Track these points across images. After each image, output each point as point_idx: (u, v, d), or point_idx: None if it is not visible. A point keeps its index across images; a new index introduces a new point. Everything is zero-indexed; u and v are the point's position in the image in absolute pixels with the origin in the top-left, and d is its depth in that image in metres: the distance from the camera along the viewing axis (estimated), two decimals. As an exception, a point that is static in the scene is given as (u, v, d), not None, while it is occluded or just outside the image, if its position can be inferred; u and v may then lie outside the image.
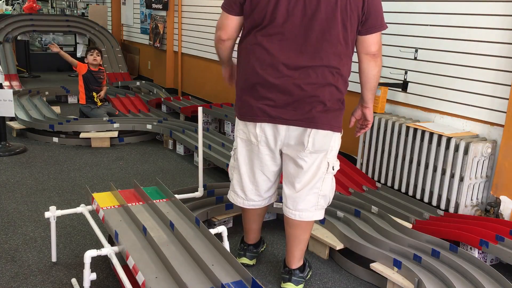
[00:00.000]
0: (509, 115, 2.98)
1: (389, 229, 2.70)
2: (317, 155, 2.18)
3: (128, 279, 1.92)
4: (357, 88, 2.36)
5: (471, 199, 3.15)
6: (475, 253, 2.63)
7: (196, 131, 4.54)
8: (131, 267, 1.94)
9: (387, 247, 2.52)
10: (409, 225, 2.86)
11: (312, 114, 2.10)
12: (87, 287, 2.05)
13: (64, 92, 6.59)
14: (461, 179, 3.10)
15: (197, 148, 4.11)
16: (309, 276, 2.52)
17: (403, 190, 3.48)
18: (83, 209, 2.49)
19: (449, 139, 3.15)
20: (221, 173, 4.07)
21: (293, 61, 2.06)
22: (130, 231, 2.19)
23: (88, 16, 9.40)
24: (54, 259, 2.57)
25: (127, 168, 4.13)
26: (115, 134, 4.77)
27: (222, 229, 2.26)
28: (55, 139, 4.73)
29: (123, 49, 8.60)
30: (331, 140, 2.18)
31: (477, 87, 3.22)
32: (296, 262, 2.39)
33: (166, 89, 7.12)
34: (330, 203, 2.36)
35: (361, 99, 2.33)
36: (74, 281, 2.38)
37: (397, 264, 2.37)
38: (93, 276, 2.03)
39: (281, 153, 2.27)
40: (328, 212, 2.88)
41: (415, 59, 3.63)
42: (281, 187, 2.35)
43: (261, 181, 2.34)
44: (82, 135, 4.69)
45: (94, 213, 2.48)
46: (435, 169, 3.26)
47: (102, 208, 2.39)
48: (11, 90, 4.14)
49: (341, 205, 3.00)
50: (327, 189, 2.27)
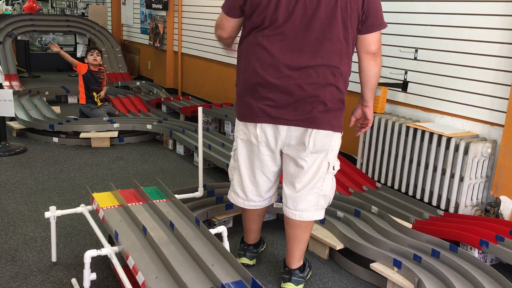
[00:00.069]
0: (509, 115, 2.98)
1: (389, 229, 2.70)
2: (317, 155, 2.18)
3: (128, 279, 1.92)
4: (357, 88, 2.36)
5: (471, 199, 3.15)
6: (475, 253, 2.63)
7: (196, 131, 4.54)
8: (131, 267, 1.94)
9: (387, 247, 2.52)
10: (409, 225, 2.86)
11: (313, 114, 2.10)
12: (87, 287, 2.05)
13: (64, 92, 6.59)
14: (461, 179, 3.10)
15: (197, 148, 4.11)
16: (309, 276, 2.52)
17: (403, 190, 3.48)
18: (83, 209, 2.49)
19: (449, 139, 3.15)
20: (221, 173, 4.07)
21: (294, 61, 2.06)
22: (130, 231, 2.19)
23: (88, 16, 9.40)
24: (54, 259, 2.57)
25: (127, 168, 4.13)
26: (115, 134, 4.77)
27: (222, 229, 2.26)
28: (55, 139, 4.73)
29: (123, 49, 8.60)
30: (331, 140, 2.18)
31: (477, 87, 3.22)
32: (296, 262, 2.39)
33: (166, 89, 7.11)
34: (330, 203, 2.36)
35: (361, 98, 2.33)
36: (74, 281, 2.38)
37: (397, 264, 2.37)
38: (93, 276, 2.03)
39: (281, 153, 2.27)
40: (328, 212, 2.87)
41: (415, 59, 3.63)
42: (281, 187, 2.35)
43: (262, 181, 2.34)
44: (82, 135, 4.69)
45: (94, 213, 2.48)
46: (435, 169, 3.26)
47: (102, 208, 2.39)
48: (11, 90, 4.15)
49: (341, 205, 3.00)
50: (328, 189, 2.27)
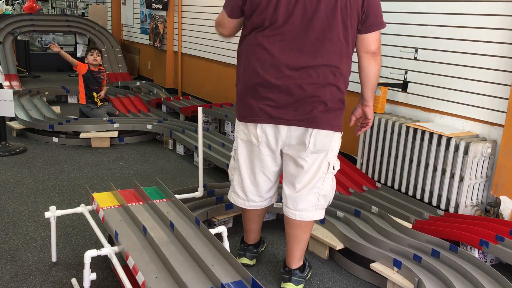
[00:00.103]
0: (509, 115, 2.98)
1: (389, 229, 2.70)
2: (318, 155, 2.18)
3: (128, 279, 1.92)
4: (357, 88, 2.36)
5: (471, 199, 3.15)
6: (475, 253, 2.63)
7: (196, 131, 4.54)
8: (131, 267, 1.94)
9: (387, 247, 2.52)
10: (409, 225, 2.86)
11: (313, 114, 2.10)
12: (87, 287, 2.05)
13: (64, 92, 6.59)
14: (461, 179, 3.10)
15: (197, 148, 4.11)
16: (309, 276, 2.52)
17: (403, 190, 3.48)
18: (83, 209, 2.49)
19: (449, 139, 3.15)
20: (221, 173, 4.07)
21: (294, 61, 2.06)
22: (130, 231, 2.19)
23: (88, 16, 9.40)
24: (54, 259, 2.57)
25: (127, 168, 4.13)
26: (115, 134, 4.77)
27: (222, 229, 2.26)
28: (55, 139, 4.73)
29: (123, 49, 8.60)
30: (332, 140, 2.18)
31: (477, 87, 3.22)
32: (296, 262, 2.38)
33: (166, 89, 7.11)
34: (330, 203, 2.36)
35: (361, 97, 2.33)
36: (74, 281, 2.38)
37: (397, 264, 2.37)
38: (93, 276, 2.03)
39: (281, 153, 2.27)
40: (328, 212, 2.87)
41: (415, 59, 3.63)
42: (281, 187, 2.35)
43: (262, 181, 2.34)
44: (82, 135, 4.69)
45: (94, 213, 2.48)
46: (435, 169, 3.26)
47: (102, 208, 2.39)
48: (11, 90, 4.15)
49: (341, 205, 3.00)
50: (328, 189, 2.27)
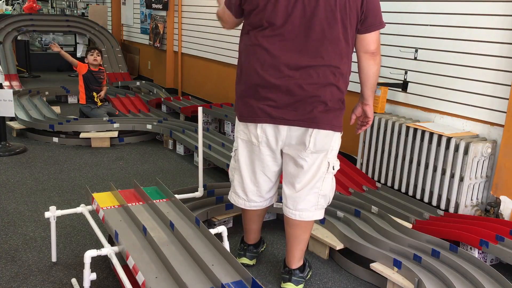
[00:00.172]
0: (509, 115, 2.98)
1: (389, 229, 2.70)
2: (317, 155, 2.18)
3: (128, 279, 1.92)
4: (357, 88, 2.36)
5: (471, 199, 3.15)
6: (475, 253, 2.63)
7: (196, 131, 4.54)
8: (131, 267, 1.94)
9: (387, 247, 2.52)
10: (409, 225, 2.86)
11: (313, 114, 2.10)
12: (87, 287, 2.05)
13: (64, 92, 6.59)
14: (461, 179, 3.10)
15: (197, 148, 4.11)
16: (309, 276, 2.52)
17: (403, 190, 3.48)
18: (83, 209, 2.49)
19: (449, 139, 3.15)
20: (221, 173, 4.07)
21: (294, 61, 2.06)
22: (130, 231, 2.19)
23: (88, 16, 9.40)
24: (54, 259, 2.57)
25: (127, 168, 4.13)
26: (115, 134, 4.77)
27: (222, 229, 2.26)
28: (55, 139, 4.73)
29: (123, 49, 8.60)
30: (332, 140, 2.18)
31: (477, 87, 3.22)
32: (296, 262, 2.38)
33: (166, 89, 7.11)
34: (330, 203, 2.36)
35: (361, 96, 2.34)
36: (74, 281, 2.38)
37: (397, 264, 2.37)
38: (93, 276, 2.03)
39: (281, 153, 2.27)
40: (328, 212, 2.88)
41: (415, 59, 3.63)
42: (281, 187, 2.35)
43: (262, 181, 2.34)
44: (82, 135, 4.69)
45: (94, 213, 2.48)
46: (435, 169, 3.26)
47: (102, 208, 2.39)
48: (11, 90, 4.15)
49: (341, 205, 3.00)
50: (327, 189, 2.27)
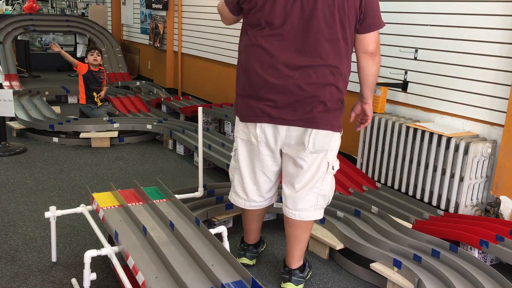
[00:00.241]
0: (509, 115, 2.98)
1: (389, 229, 2.70)
2: (317, 155, 2.18)
3: (128, 279, 1.92)
4: (357, 88, 2.36)
5: (471, 199, 3.15)
6: (475, 253, 2.63)
7: (196, 131, 4.54)
8: (131, 267, 1.94)
9: (387, 247, 2.52)
10: (409, 225, 2.86)
11: (312, 114, 2.10)
12: (87, 287, 2.05)
13: (64, 92, 6.59)
14: (461, 179, 3.10)
15: (197, 148, 4.11)
16: (309, 276, 2.52)
17: (403, 190, 3.48)
18: (83, 209, 2.49)
19: (449, 139, 3.15)
20: (221, 173, 4.07)
21: (293, 61, 2.06)
22: (130, 231, 2.19)
23: (88, 16, 9.40)
24: (54, 259, 2.57)
25: (127, 168, 4.13)
26: (115, 134, 4.77)
27: (222, 229, 2.26)
28: (55, 139, 4.73)
29: (123, 49, 8.60)
30: (331, 140, 2.18)
31: (477, 87, 3.22)
32: (296, 262, 2.39)
33: (166, 89, 7.11)
34: (329, 202, 2.36)
35: (360, 95, 2.34)
36: (74, 281, 2.38)
37: (397, 264, 2.37)
38: (93, 276, 2.03)
39: (281, 153, 2.27)
40: (328, 212, 2.88)
41: (415, 59, 3.63)
42: (281, 187, 2.35)
43: (262, 181, 2.34)
44: (82, 135, 4.69)
45: (94, 213, 2.48)
46: (435, 169, 3.26)
47: (102, 208, 2.39)
48: (11, 90, 4.15)
49: (341, 205, 3.00)
50: (327, 188, 2.27)
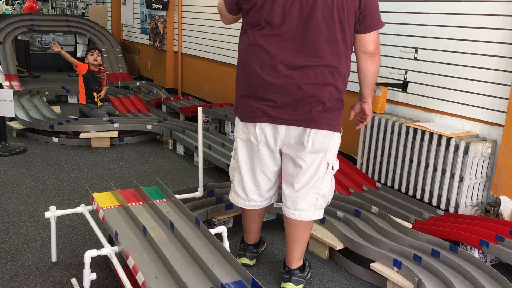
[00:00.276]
0: (509, 115, 2.98)
1: (389, 229, 2.70)
2: (316, 155, 2.18)
3: (128, 279, 1.92)
4: (357, 87, 2.36)
5: (471, 199, 3.15)
6: (475, 253, 2.63)
7: (196, 131, 4.54)
8: (131, 267, 1.94)
9: (387, 247, 2.52)
10: (409, 225, 2.86)
11: (311, 114, 2.10)
12: (87, 287, 2.05)
13: (64, 92, 6.59)
14: (461, 179, 3.10)
15: (197, 148, 4.11)
16: (309, 276, 2.52)
17: (403, 190, 3.48)
18: (83, 209, 2.49)
19: (449, 139, 3.15)
20: (221, 173, 4.07)
21: (292, 61, 2.06)
22: (130, 231, 2.19)
23: (88, 16, 9.40)
24: (54, 259, 2.57)
25: (127, 168, 4.13)
26: (115, 134, 4.77)
27: (222, 229, 2.26)
28: (55, 139, 4.73)
29: (123, 49, 8.60)
30: (330, 140, 2.18)
31: (477, 87, 3.22)
32: (296, 262, 2.39)
33: (166, 89, 7.11)
34: (329, 202, 2.36)
35: (360, 95, 2.35)
36: (74, 281, 2.38)
37: (397, 264, 2.37)
38: (93, 276, 2.03)
39: (281, 153, 2.27)
40: (328, 212, 2.88)
41: (415, 59, 3.63)
42: (281, 187, 2.35)
43: (262, 181, 2.34)
44: (82, 135, 4.69)
45: (94, 213, 2.48)
46: (435, 169, 3.26)
47: (102, 208, 2.39)
48: (11, 90, 4.15)
49: (341, 205, 3.00)
50: (327, 188, 2.27)
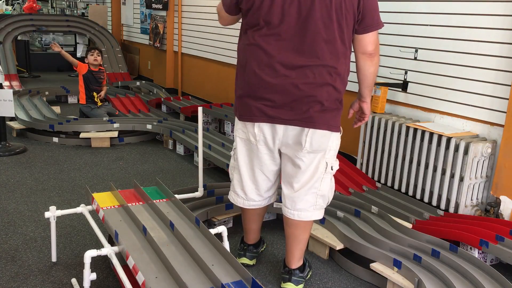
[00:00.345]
0: (509, 115, 2.98)
1: (389, 229, 2.70)
2: (315, 155, 2.18)
3: (128, 279, 1.92)
4: (356, 87, 2.36)
5: (471, 199, 3.15)
6: (475, 253, 2.63)
7: (196, 131, 4.54)
8: (131, 267, 1.94)
9: (387, 247, 2.52)
10: (409, 225, 2.86)
11: (309, 114, 2.10)
12: (87, 287, 2.05)
13: (64, 92, 6.59)
14: (461, 179, 3.10)
15: (197, 148, 4.11)
16: (309, 276, 2.52)
17: (403, 190, 3.48)
18: (83, 209, 2.49)
19: (449, 139, 3.15)
20: (221, 173, 4.07)
21: (290, 61, 2.07)
22: (130, 231, 2.19)
23: (88, 16, 9.40)
24: (54, 259, 2.57)
25: (127, 168, 4.13)
26: (115, 134, 4.77)
27: (222, 229, 2.26)
28: (55, 139, 4.73)
29: (123, 49, 8.60)
30: (329, 140, 2.18)
31: (477, 87, 3.22)
32: (296, 262, 2.39)
33: (166, 89, 7.11)
34: (329, 203, 2.36)
35: (359, 94, 2.36)
36: (74, 281, 2.38)
37: (397, 264, 2.37)
38: (93, 276, 2.03)
39: (280, 153, 2.27)
40: (328, 212, 2.88)
41: (415, 59, 3.63)
42: (281, 187, 2.35)
43: (261, 180, 2.34)
44: (82, 135, 4.69)
45: (94, 213, 2.48)
46: (435, 169, 3.26)
47: (102, 208, 2.39)
48: (11, 90, 4.15)
49: (341, 205, 3.00)
50: (326, 189, 2.27)
